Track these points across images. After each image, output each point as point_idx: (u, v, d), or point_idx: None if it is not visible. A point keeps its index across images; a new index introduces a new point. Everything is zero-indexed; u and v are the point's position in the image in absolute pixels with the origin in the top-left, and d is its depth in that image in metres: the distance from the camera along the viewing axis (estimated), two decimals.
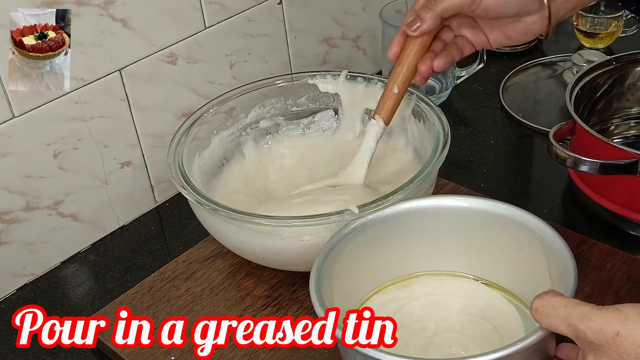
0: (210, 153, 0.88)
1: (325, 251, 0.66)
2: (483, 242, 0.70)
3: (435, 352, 0.65)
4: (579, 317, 0.51)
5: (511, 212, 0.67)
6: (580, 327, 0.51)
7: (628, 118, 0.99)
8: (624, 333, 0.50)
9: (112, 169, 0.91)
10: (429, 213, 0.70)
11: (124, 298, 0.81)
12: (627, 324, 0.50)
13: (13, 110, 0.80)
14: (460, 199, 0.70)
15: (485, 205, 0.69)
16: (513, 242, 0.68)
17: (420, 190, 0.75)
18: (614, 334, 0.50)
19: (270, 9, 1.02)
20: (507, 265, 0.69)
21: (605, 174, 0.81)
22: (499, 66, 1.18)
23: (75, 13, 0.81)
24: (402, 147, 0.89)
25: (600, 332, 0.50)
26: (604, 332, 0.50)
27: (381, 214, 0.69)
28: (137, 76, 0.90)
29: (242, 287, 0.81)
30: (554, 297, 0.53)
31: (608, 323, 0.50)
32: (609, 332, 0.50)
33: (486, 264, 0.71)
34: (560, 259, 0.61)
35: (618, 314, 0.50)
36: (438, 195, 0.72)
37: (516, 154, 1.02)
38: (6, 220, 0.83)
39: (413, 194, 0.73)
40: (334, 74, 0.90)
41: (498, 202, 0.69)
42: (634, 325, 0.49)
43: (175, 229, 0.94)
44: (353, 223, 0.68)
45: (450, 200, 0.70)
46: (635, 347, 0.49)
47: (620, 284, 0.76)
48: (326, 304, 0.60)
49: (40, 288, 0.87)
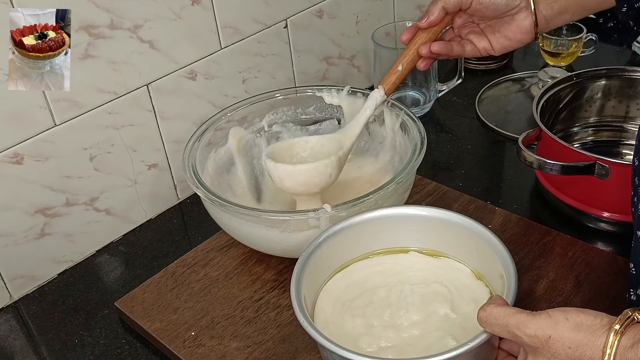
0: (226, 150, 0.88)
1: (305, 256, 0.66)
2: (441, 244, 0.70)
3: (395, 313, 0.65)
4: (516, 326, 0.52)
5: (462, 221, 0.67)
6: (517, 333, 0.52)
7: (587, 126, 0.99)
8: (555, 336, 0.50)
9: (140, 170, 0.92)
10: (394, 219, 0.70)
11: (151, 282, 0.81)
12: (557, 328, 0.50)
13: (55, 120, 0.80)
14: (420, 208, 0.70)
15: (441, 215, 0.69)
16: (464, 245, 0.68)
17: (400, 189, 0.75)
18: (547, 337, 0.50)
19: (278, 32, 1.02)
20: (467, 259, 0.70)
21: (567, 175, 0.81)
22: (475, 81, 1.18)
23: (109, 36, 0.81)
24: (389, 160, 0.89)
25: (535, 337, 0.51)
26: (538, 336, 0.51)
27: (351, 221, 0.69)
28: (162, 90, 0.90)
29: (253, 272, 0.81)
30: (495, 308, 0.54)
31: (541, 329, 0.51)
32: (542, 337, 0.50)
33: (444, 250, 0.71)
34: (504, 264, 0.62)
35: (549, 319, 0.51)
36: (402, 206, 0.72)
37: (490, 157, 1.02)
38: (49, 214, 0.83)
39: (394, 192, 0.73)
40: (338, 88, 0.91)
41: (452, 212, 0.69)
42: (563, 329, 0.50)
43: (195, 222, 0.94)
44: (325, 232, 0.68)
45: (412, 210, 0.70)
46: (565, 348, 0.49)
47: (580, 269, 0.76)
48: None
49: (79, 273, 0.87)
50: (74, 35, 0.77)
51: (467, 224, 0.67)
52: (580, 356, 0.49)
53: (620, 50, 1.23)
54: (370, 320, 0.64)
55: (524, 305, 0.55)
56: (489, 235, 0.65)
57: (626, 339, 0.47)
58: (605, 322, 0.49)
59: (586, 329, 0.49)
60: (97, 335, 0.78)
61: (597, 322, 0.49)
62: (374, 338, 0.63)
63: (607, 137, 0.99)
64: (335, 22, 1.10)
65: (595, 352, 0.48)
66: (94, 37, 0.80)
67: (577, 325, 0.49)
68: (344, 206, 0.71)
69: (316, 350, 0.70)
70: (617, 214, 0.83)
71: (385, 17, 1.19)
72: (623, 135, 0.98)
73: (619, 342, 0.47)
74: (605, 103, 0.97)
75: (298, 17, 1.03)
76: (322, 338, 0.57)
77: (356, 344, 0.62)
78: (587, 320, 0.49)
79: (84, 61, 0.80)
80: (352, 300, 0.67)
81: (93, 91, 0.82)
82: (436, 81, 1.09)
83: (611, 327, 0.48)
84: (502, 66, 1.21)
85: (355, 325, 0.64)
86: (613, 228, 0.84)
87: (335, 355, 0.56)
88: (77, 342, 0.77)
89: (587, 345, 0.48)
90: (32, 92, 0.76)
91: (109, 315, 0.80)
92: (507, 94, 1.15)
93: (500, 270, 0.62)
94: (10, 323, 0.81)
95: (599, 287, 0.74)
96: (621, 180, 0.79)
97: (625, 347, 0.47)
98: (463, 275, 0.68)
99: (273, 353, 0.71)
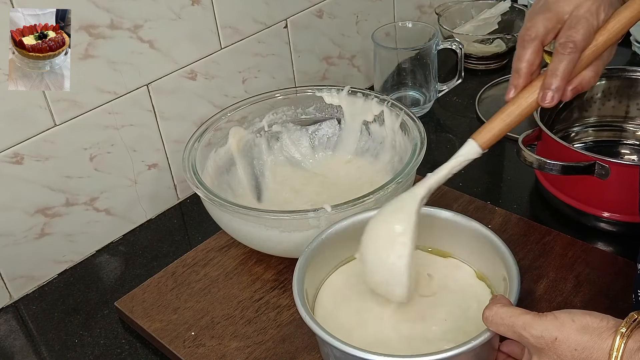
0: (226, 150, 0.88)
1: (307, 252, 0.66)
2: (443, 243, 0.70)
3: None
4: (522, 326, 0.52)
5: (464, 221, 0.67)
6: (524, 334, 0.52)
7: (587, 126, 0.99)
8: (561, 338, 0.50)
9: (140, 170, 0.91)
10: None
11: (151, 282, 0.81)
12: (563, 329, 0.50)
13: (55, 120, 0.80)
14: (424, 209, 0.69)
15: (442, 215, 0.69)
16: (466, 245, 0.68)
17: (400, 189, 0.75)
18: (553, 339, 0.50)
19: (278, 32, 1.02)
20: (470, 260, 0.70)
21: (567, 174, 0.81)
22: (475, 81, 1.17)
23: (109, 36, 0.81)
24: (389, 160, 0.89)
25: (541, 338, 0.51)
26: (544, 337, 0.51)
27: (357, 218, 0.69)
28: (162, 90, 0.90)
29: (252, 272, 0.81)
30: (501, 307, 0.54)
31: (547, 330, 0.50)
32: (548, 338, 0.50)
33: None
34: (507, 266, 0.62)
35: (555, 321, 0.51)
36: None
37: (490, 157, 1.02)
38: (49, 214, 0.83)
39: (394, 192, 0.73)
40: (338, 88, 0.90)
41: (453, 212, 0.69)
42: (569, 330, 0.50)
43: (195, 222, 0.94)
44: (331, 228, 0.68)
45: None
46: (571, 350, 0.49)
47: (580, 269, 0.76)
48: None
49: (79, 273, 0.87)
50: (74, 35, 0.77)
51: (469, 225, 0.67)
52: (586, 358, 0.49)
53: (620, 50, 1.23)
54: (370, 315, 0.64)
55: (524, 305, 0.55)
56: (491, 236, 0.65)
57: (632, 342, 0.47)
58: (612, 325, 0.49)
59: (592, 332, 0.49)
60: (97, 335, 0.78)
61: (603, 325, 0.49)
62: (373, 333, 0.63)
63: (607, 137, 0.99)
64: (335, 22, 1.10)
65: (601, 355, 0.48)
66: (94, 37, 0.80)
67: (583, 327, 0.49)
68: (344, 206, 0.71)
69: (316, 350, 0.70)
70: (617, 214, 0.83)
71: (385, 17, 1.18)
72: (623, 135, 0.98)
73: (625, 345, 0.47)
74: (605, 103, 0.97)
75: (298, 17, 1.03)
76: (321, 330, 0.57)
77: (353, 337, 0.62)
78: (594, 322, 0.49)
79: (84, 61, 0.80)
80: (353, 294, 0.67)
81: (93, 91, 0.82)
82: (436, 81, 1.09)
83: (617, 329, 0.48)
84: (502, 66, 1.21)
85: (355, 319, 0.64)
86: (613, 228, 0.84)
87: (335, 349, 0.56)
88: (77, 342, 0.77)
89: (593, 348, 0.49)
90: (32, 92, 0.76)
91: (109, 315, 0.80)
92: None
93: (502, 271, 0.62)
94: (10, 323, 0.81)
95: (599, 287, 0.74)
96: (621, 180, 0.79)
97: (632, 350, 0.47)
98: (465, 275, 0.68)
99: (273, 353, 0.70)
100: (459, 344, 0.55)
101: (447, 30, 1.20)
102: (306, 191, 0.88)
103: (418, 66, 1.07)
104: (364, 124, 0.91)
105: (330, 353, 0.59)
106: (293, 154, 0.93)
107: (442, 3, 1.27)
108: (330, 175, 0.91)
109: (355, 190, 0.85)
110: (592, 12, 0.59)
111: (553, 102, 0.60)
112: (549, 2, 0.62)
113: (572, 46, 0.59)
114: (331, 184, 0.89)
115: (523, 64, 0.61)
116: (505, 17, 1.25)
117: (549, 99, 0.60)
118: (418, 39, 1.10)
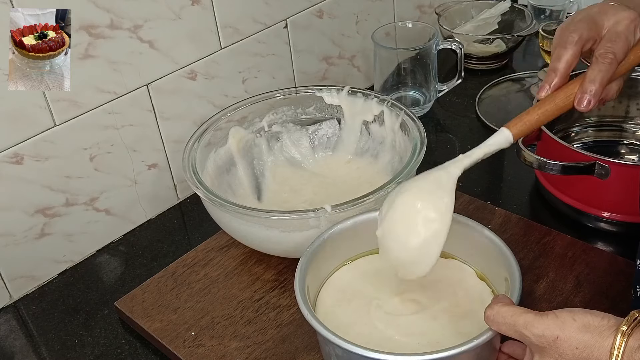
0: (226, 151, 0.88)
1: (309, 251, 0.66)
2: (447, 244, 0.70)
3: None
4: (523, 325, 0.52)
5: (466, 222, 0.67)
6: (525, 333, 0.52)
7: (587, 126, 0.99)
8: (562, 336, 0.50)
9: (140, 170, 0.91)
10: None
11: (151, 282, 0.81)
12: (565, 328, 0.50)
13: (55, 120, 0.80)
14: None
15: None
16: (468, 246, 0.68)
17: None
18: (554, 337, 0.50)
19: (278, 32, 1.02)
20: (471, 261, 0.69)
21: (567, 174, 0.81)
22: (475, 81, 1.17)
23: (109, 36, 0.81)
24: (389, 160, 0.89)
25: (542, 337, 0.51)
26: (545, 336, 0.51)
27: (360, 218, 0.69)
28: (162, 90, 0.90)
29: (252, 272, 0.81)
30: (503, 307, 0.54)
31: (549, 329, 0.51)
32: (549, 337, 0.51)
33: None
34: (508, 267, 0.62)
35: (556, 320, 0.51)
36: None
37: (490, 157, 1.01)
38: (49, 214, 0.83)
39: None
40: (338, 88, 0.90)
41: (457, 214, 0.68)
42: (570, 329, 0.50)
43: (195, 222, 0.94)
44: (334, 227, 0.68)
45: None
46: (572, 349, 0.50)
47: (580, 269, 0.76)
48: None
49: (79, 273, 0.87)
50: (74, 35, 0.77)
51: (470, 226, 0.67)
52: (587, 357, 0.49)
53: None
54: (370, 315, 0.64)
55: (524, 305, 0.55)
56: (492, 237, 0.65)
57: (633, 340, 0.48)
58: (613, 324, 0.49)
59: (593, 330, 0.49)
60: (97, 335, 0.78)
61: (604, 323, 0.49)
62: (374, 332, 0.63)
63: (607, 137, 0.99)
64: (335, 22, 1.09)
65: (602, 353, 0.48)
66: (94, 37, 0.80)
67: (584, 326, 0.50)
68: (343, 206, 0.71)
69: (316, 350, 0.70)
70: (617, 214, 0.83)
71: (385, 17, 1.18)
72: (623, 135, 0.98)
73: (627, 344, 0.48)
74: (605, 103, 0.97)
75: (298, 17, 1.03)
76: (323, 329, 0.57)
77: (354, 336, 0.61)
78: (595, 321, 0.50)
79: (84, 61, 0.80)
80: (354, 294, 0.67)
81: (93, 91, 0.82)
82: (436, 81, 1.09)
83: (618, 328, 0.48)
84: (502, 66, 1.21)
85: (355, 318, 0.64)
86: (613, 228, 0.84)
87: (337, 347, 0.56)
88: (77, 342, 0.77)
89: (595, 346, 0.49)
90: (32, 92, 0.76)
91: (109, 315, 0.80)
92: (507, 94, 1.15)
93: (503, 272, 0.62)
94: (10, 323, 0.81)
95: (599, 287, 0.74)
96: (621, 180, 0.79)
97: (633, 349, 0.47)
98: (467, 275, 0.68)
99: (273, 353, 0.70)
100: (460, 344, 0.54)
101: (447, 30, 1.20)
102: (306, 191, 0.89)
103: (418, 66, 1.07)
104: (364, 124, 0.91)
105: (332, 352, 0.59)
106: (293, 154, 0.93)
107: (442, 3, 1.27)
108: (330, 175, 0.91)
109: (355, 190, 0.85)
110: (630, 31, 0.64)
111: (589, 106, 0.63)
112: (592, 14, 0.66)
113: (612, 57, 0.63)
114: (331, 184, 0.89)
115: (562, 64, 0.65)
116: (505, 17, 1.25)
117: (586, 102, 0.63)
118: (418, 39, 1.10)
